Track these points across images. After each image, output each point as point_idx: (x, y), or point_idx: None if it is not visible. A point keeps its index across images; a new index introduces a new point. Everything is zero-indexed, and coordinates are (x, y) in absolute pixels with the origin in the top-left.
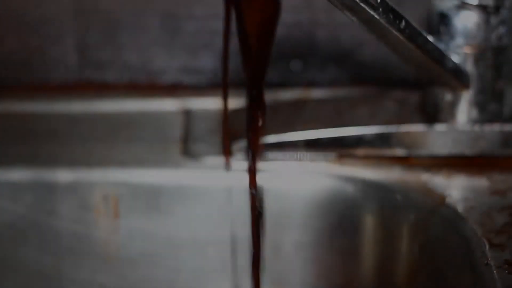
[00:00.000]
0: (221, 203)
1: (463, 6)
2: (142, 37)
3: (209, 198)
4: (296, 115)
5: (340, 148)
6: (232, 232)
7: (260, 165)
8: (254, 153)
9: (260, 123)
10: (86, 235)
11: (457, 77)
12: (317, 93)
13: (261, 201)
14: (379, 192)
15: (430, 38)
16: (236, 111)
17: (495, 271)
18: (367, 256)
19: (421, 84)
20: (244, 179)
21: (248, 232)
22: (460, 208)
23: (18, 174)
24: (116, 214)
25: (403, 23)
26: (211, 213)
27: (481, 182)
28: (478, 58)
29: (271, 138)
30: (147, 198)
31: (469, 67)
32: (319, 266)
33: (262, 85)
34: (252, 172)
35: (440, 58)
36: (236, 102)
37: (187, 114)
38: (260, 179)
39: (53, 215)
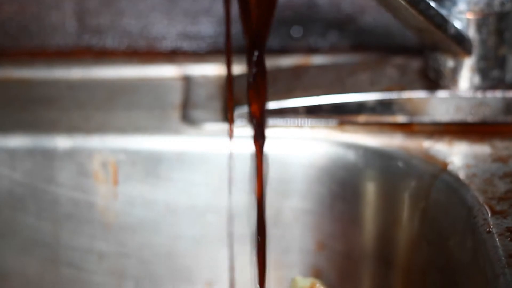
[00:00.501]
0: (220, 169)
1: None
2: (141, 2)
3: (208, 165)
4: (297, 81)
5: (341, 114)
6: (230, 199)
7: (264, 131)
8: (257, 119)
9: (261, 89)
10: (85, 202)
11: (459, 43)
12: (317, 59)
13: (265, 168)
14: (380, 159)
15: (432, 3)
16: (236, 77)
17: (497, 239)
18: (368, 223)
19: (422, 50)
20: (244, 145)
21: (247, 199)
22: (462, 175)
23: (16, 141)
24: (115, 181)
25: None
26: (210, 180)
27: (483, 149)
28: (481, 24)
29: (271, 105)
30: (146, 164)
31: (472, 33)
32: (319, 233)
33: (263, 52)
34: (256, 138)
35: (442, 23)
36: (236, 68)
37: (187, 80)
38: (264, 145)
39: (51, 182)
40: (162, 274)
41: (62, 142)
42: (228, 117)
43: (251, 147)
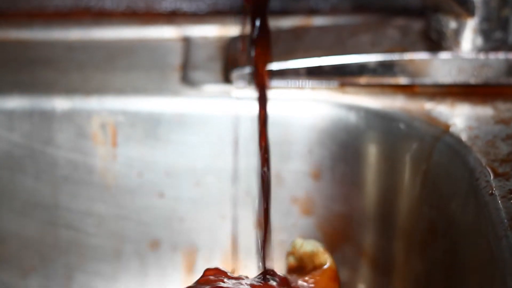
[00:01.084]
0: (220, 131)
1: None
2: None
3: (208, 127)
4: (298, 42)
5: (343, 76)
6: (236, 160)
7: (267, 91)
8: (261, 80)
9: (265, 50)
10: (84, 164)
11: (462, 4)
12: (318, 21)
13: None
14: (382, 121)
15: None
16: (236, 38)
17: (499, 201)
18: (369, 186)
19: (424, 11)
20: (244, 107)
21: (246, 161)
22: (464, 137)
23: (15, 102)
24: (114, 143)
25: None
26: (210, 142)
27: (485, 110)
28: None
29: (272, 66)
30: (146, 126)
31: None
32: (320, 196)
33: (266, 11)
34: (260, 99)
35: None
36: (236, 29)
37: (186, 42)
38: (267, 106)
39: (50, 144)
40: (162, 237)
41: (60, 103)
42: (227, 78)
43: (251, 109)
